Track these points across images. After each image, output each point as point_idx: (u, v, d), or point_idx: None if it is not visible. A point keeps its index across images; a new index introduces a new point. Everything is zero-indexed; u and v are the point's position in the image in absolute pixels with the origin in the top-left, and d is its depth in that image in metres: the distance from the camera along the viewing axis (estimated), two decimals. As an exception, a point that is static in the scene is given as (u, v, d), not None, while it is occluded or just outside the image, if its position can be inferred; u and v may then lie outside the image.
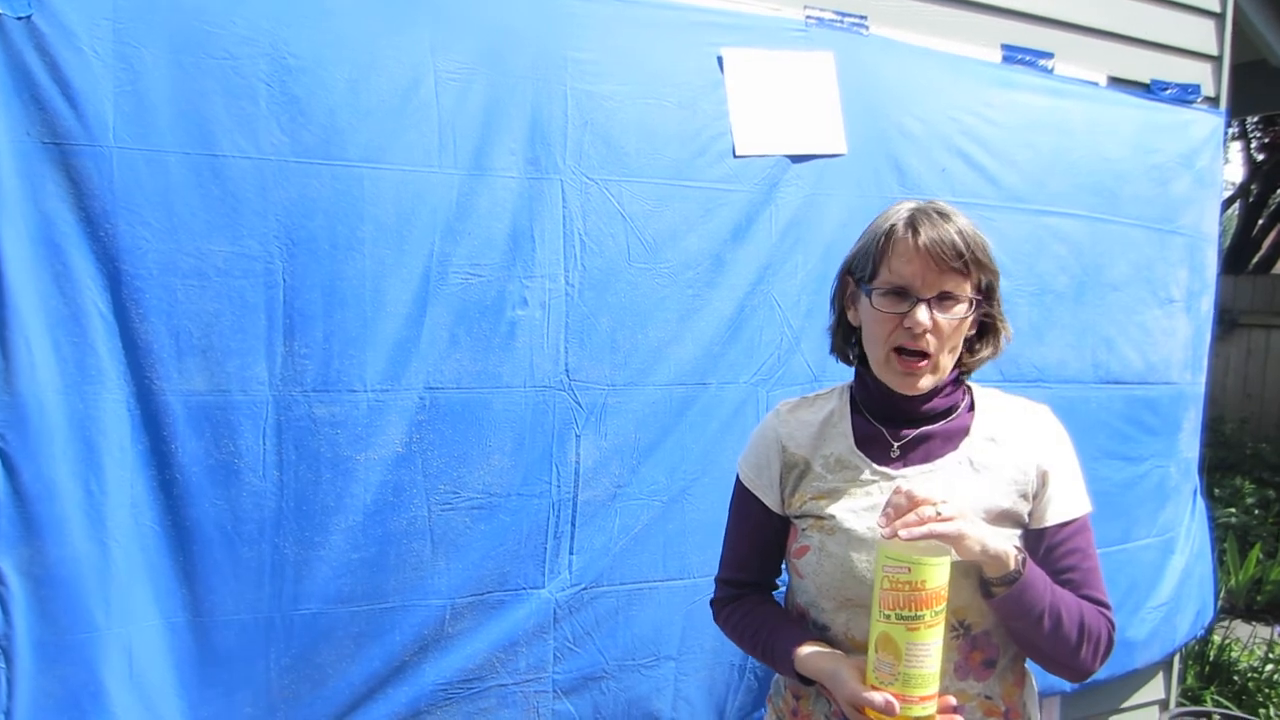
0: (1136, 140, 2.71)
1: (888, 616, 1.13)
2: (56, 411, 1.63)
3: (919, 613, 1.11)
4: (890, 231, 1.26)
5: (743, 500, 1.43)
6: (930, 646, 1.13)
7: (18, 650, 1.60)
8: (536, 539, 1.99)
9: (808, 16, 2.29)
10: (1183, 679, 3.47)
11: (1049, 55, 2.67)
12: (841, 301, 1.38)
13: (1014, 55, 2.63)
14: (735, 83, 2.15)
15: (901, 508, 1.15)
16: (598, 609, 2.05)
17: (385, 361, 1.84)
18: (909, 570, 1.11)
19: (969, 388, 1.37)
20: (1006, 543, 1.19)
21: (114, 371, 1.68)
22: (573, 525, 2.02)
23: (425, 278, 1.86)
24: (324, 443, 1.80)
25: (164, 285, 1.68)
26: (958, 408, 1.33)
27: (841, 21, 2.33)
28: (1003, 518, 1.28)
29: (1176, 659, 3.17)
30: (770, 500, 1.39)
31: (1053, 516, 1.28)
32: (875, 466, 1.31)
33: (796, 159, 2.21)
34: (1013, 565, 1.19)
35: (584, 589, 2.03)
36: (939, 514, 1.13)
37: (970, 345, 1.34)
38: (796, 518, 1.36)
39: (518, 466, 1.96)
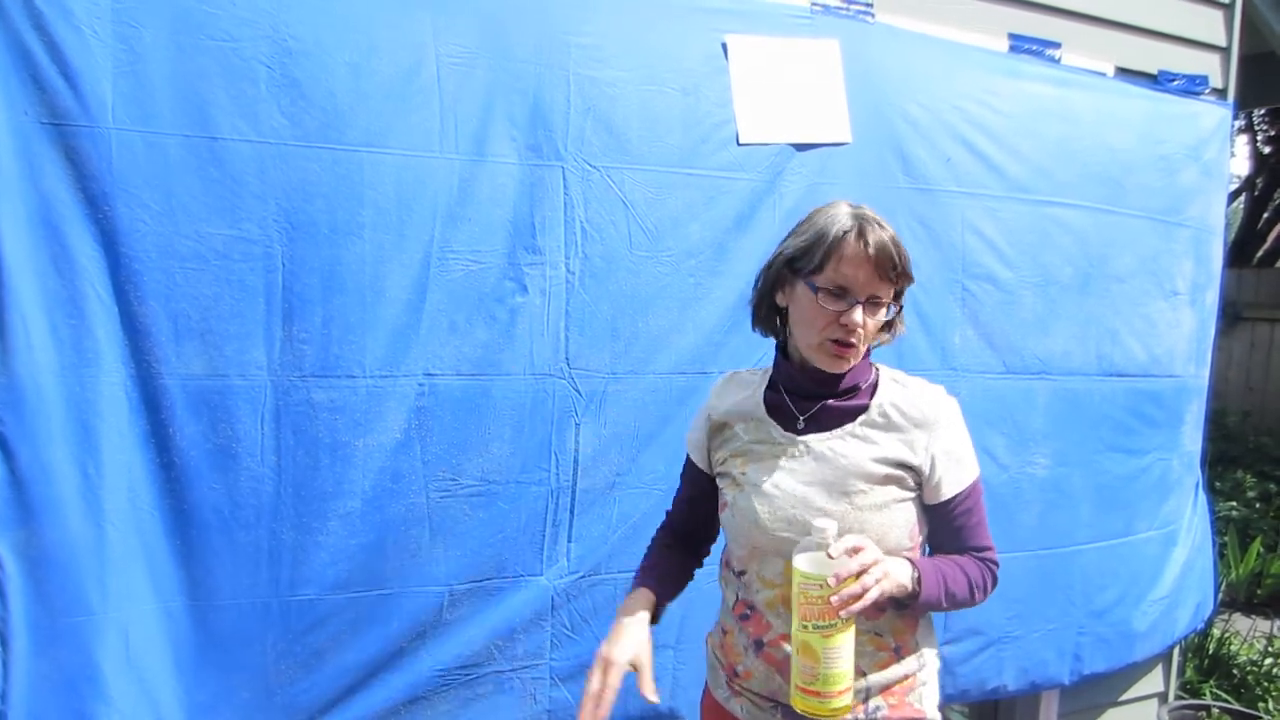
0: (1143, 131, 2.69)
1: (805, 627, 1.26)
2: (54, 394, 1.62)
3: (832, 621, 1.25)
4: (841, 234, 1.38)
5: (687, 459, 1.66)
6: (843, 648, 1.27)
7: (13, 633, 1.60)
8: (535, 526, 1.99)
9: (813, 3, 2.27)
10: (1182, 672, 3.46)
11: (1056, 45, 2.65)
12: (771, 283, 1.50)
13: (1021, 44, 2.60)
14: (739, 70, 2.13)
15: (852, 573, 1.28)
16: (595, 596, 2.04)
17: (385, 347, 1.83)
18: (820, 588, 1.25)
19: (877, 369, 1.53)
20: (905, 574, 1.37)
21: (112, 354, 1.67)
22: (571, 513, 2.01)
23: (425, 263, 1.85)
24: (322, 428, 1.79)
25: (162, 268, 1.68)
26: (860, 387, 1.48)
27: (847, 9, 2.31)
28: (888, 480, 1.44)
29: (1176, 652, 3.17)
30: (698, 458, 1.59)
31: (945, 493, 1.45)
32: (783, 432, 1.48)
33: (800, 147, 2.19)
34: (910, 588, 1.37)
35: (582, 577, 2.03)
36: (874, 581, 1.28)
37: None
38: (719, 475, 1.55)
39: (517, 454, 1.96)
